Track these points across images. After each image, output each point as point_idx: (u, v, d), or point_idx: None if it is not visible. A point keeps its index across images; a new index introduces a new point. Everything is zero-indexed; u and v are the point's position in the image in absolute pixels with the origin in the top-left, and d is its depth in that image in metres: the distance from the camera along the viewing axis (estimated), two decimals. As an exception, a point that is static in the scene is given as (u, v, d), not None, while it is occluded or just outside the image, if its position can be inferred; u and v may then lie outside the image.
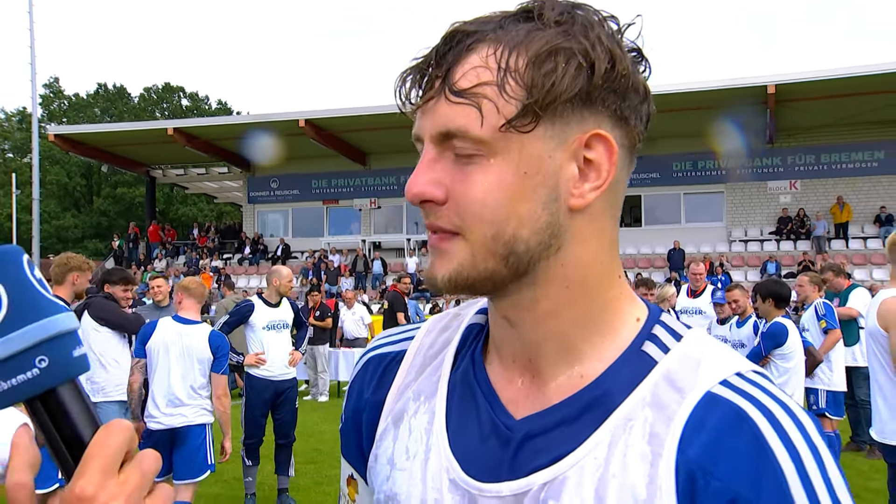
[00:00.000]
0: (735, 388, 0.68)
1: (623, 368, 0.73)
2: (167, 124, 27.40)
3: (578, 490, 0.69)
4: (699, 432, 0.66)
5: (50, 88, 52.80)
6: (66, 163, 47.73)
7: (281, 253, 26.66)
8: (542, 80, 0.67)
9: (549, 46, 0.68)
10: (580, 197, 0.71)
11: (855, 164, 23.55)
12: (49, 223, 44.76)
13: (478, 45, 0.70)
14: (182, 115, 51.08)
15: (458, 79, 0.69)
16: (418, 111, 0.73)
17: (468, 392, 0.79)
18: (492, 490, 0.72)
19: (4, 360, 0.54)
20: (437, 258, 0.73)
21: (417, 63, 0.72)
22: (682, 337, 0.74)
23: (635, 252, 24.54)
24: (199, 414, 4.84)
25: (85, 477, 0.55)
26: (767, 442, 0.65)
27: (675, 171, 24.89)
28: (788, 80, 20.66)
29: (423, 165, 0.72)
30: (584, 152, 0.71)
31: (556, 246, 0.72)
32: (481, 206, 0.69)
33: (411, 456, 0.80)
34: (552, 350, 0.75)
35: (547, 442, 0.72)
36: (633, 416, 0.69)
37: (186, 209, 47.14)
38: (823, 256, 20.82)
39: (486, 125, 0.68)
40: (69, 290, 4.95)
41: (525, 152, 0.69)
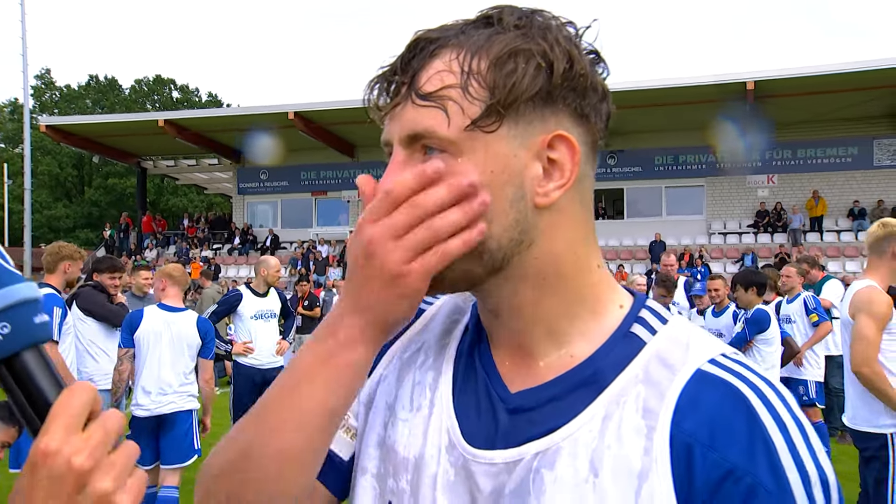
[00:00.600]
0: (724, 367, 0.72)
1: (613, 349, 0.76)
2: (158, 116, 27.71)
3: (572, 460, 0.71)
4: (694, 407, 0.69)
5: (42, 80, 52.90)
6: (58, 153, 47.89)
7: (270, 243, 27.04)
8: (503, 81, 0.70)
9: (509, 48, 0.71)
10: (545, 195, 0.73)
11: (830, 159, 24.14)
12: (41, 213, 44.94)
13: (441, 50, 0.73)
14: (173, 106, 51.27)
15: (423, 83, 0.72)
16: (387, 117, 0.76)
17: (471, 363, 0.83)
18: (485, 457, 0.75)
19: None
20: None
21: (384, 71, 0.75)
22: (668, 321, 0.78)
23: (617, 244, 25.06)
24: (187, 400, 4.89)
25: (49, 434, 0.57)
26: (759, 416, 0.68)
27: (656, 166, 25.42)
28: (767, 76, 21.16)
29: (392, 168, 0.74)
30: (548, 153, 0.73)
31: (528, 242, 0.74)
32: None
33: (414, 409, 0.83)
34: (540, 334, 0.78)
35: (540, 415, 0.74)
36: (625, 393, 0.72)
37: (177, 200, 47.41)
38: (799, 249, 21.38)
39: (452, 126, 0.71)
40: (60, 278, 4.99)
41: (491, 151, 0.71)
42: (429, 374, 0.84)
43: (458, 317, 0.88)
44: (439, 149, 0.71)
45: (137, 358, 4.82)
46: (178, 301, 5.01)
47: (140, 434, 4.72)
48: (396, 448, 0.82)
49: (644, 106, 22.71)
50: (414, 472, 0.80)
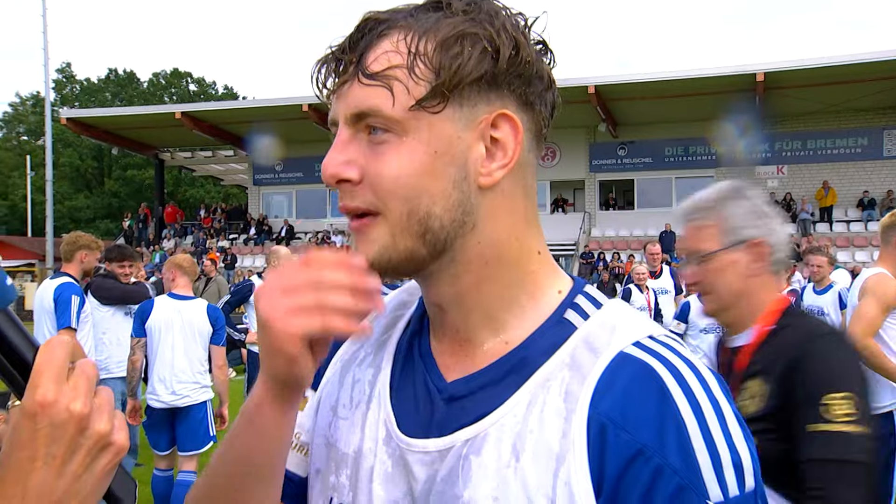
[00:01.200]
0: (645, 348, 0.72)
1: (545, 334, 0.76)
2: (175, 108, 28.27)
3: (497, 445, 0.72)
4: (610, 388, 0.70)
5: (62, 73, 53.80)
6: (79, 145, 48.71)
7: (285, 234, 27.48)
8: (449, 63, 0.71)
9: (455, 31, 0.71)
10: (488, 175, 0.74)
11: (840, 150, 24.20)
12: (62, 204, 45.77)
13: (389, 31, 0.73)
14: (189, 99, 51.95)
15: (370, 63, 0.72)
16: (333, 96, 0.76)
17: (410, 355, 0.84)
18: (419, 446, 0.76)
19: None
20: (360, 242, 0.76)
21: (332, 51, 0.75)
22: (602, 305, 0.78)
23: (628, 234, 25.26)
24: (201, 392, 4.94)
25: (41, 387, 0.60)
26: (672, 396, 0.68)
27: (666, 156, 25.58)
28: (777, 68, 21.25)
29: (336, 146, 0.74)
30: (491, 132, 0.74)
31: (471, 224, 0.75)
32: (394, 183, 0.72)
33: (353, 405, 0.84)
34: (477, 321, 0.79)
35: (473, 403, 0.76)
36: (551, 377, 0.73)
37: (194, 191, 48.08)
38: (809, 239, 21.49)
39: (397, 105, 0.71)
40: (78, 267, 5.01)
41: (435, 132, 0.72)
42: (368, 371, 0.86)
43: (402, 311, 0.89)
44: (384, 128, 0.72)
45: (150, 347, 4.86)
46: (187, 290, 5.06)
47: (156, 422, 4.89)
48: (338, 445, 0.84)
49: (654, 97, 22.87)
50: (353, 466, 0.81)
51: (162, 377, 4.82)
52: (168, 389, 4.82)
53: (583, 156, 26.23)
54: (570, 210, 27.26)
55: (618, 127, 25.41)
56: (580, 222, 25.51)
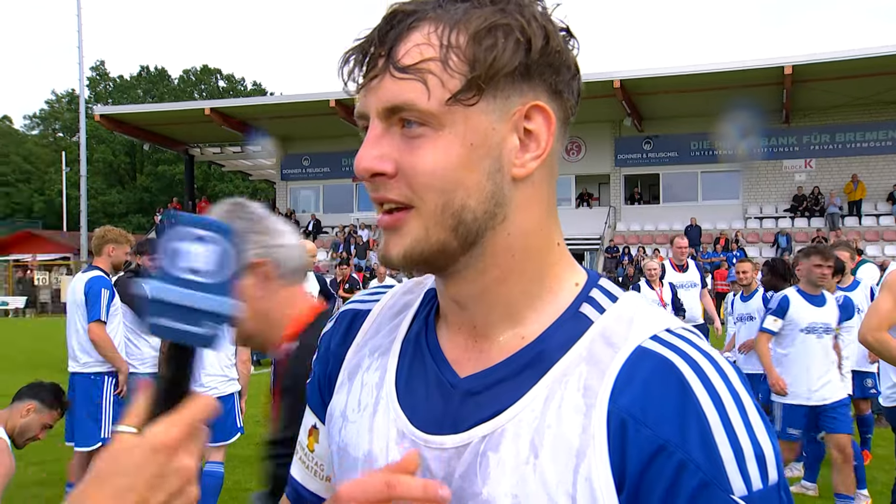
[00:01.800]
0: (664, 342, 0.72)
1: (561, 328, 0.76)
2: (204, 104, 28.70)
3: (515, 441, 0.71)
4: (630, 383, 0.69)
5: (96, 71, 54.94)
6: (112, 141, 49.66)
7: (312, 228, 27.81)
8: (483, 55, 0.70)
9: (488, 23, 0.71)
10: (522, 166, 0.74)
11: (869, 143, 23.88)
12: (96, 199, 46.72)
13: (419, 23, 0.72)
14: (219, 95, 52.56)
15: (401, 56, 0.71)
16: (362, 90, 0.75)
17: (419, 352, 0.83)
18: (436, 442, 0.76)
19: (195, 311, 0.65)
20: (390, 237, 0.75)
21: (360, 43, 0.74)
22: (617, 299, 0.78)
23: (653, 228, 25.20)
24: (228, 385, 4.98)
25: (177, 432, 0.65)
26: (693, 390, 0.68)
27: (692, 150, 25.43)
28: (805, 60, 21.03)
29: (370, 141, 0.73)
30: (525, 123, 0.74)
31: (502, 215, 0.74)
32: (431, 176, 0.71)
33: (361, 408, 0.84)
34: (497, 316, 0.78)
35: (488, 398, 0.75)
36: (569, 372, 0.72)
37: (223, 186, 48.79)
38: (837, 233, 21.27)
39: (432, 98, 0.70)
40: (107, 261, 5.04)
41: (470, 124, 0.71)
42: (375, 375, 0.85)
43: (406, 310, 0.89)
44: (419, 122, 0.71)
45: None
46: None
47: None
48: (348, 450, 0.84)
49: (680, 91, 22.76)
50: (363, 469, 0.81)
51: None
52: (196, 382, 4.93)
53: (608, 150, 26.19)
54: (595, 204, 27.24)
55: (643, 121, 25.32)
56: (605, 217, 25.49)
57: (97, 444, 4.73)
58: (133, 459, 0.63)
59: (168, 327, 0.66)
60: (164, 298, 0.66)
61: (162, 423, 0.65)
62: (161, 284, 0.67)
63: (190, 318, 0.66)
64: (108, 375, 4.82)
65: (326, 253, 25.90)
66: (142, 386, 0.70)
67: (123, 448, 0.64)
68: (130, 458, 0.63)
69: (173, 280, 0.67)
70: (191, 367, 0.69)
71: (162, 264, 0.68)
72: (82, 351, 4.82)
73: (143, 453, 0.63)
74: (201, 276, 0.67)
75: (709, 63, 22.48)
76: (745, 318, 6.60)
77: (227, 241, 0.68)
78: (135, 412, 0.67)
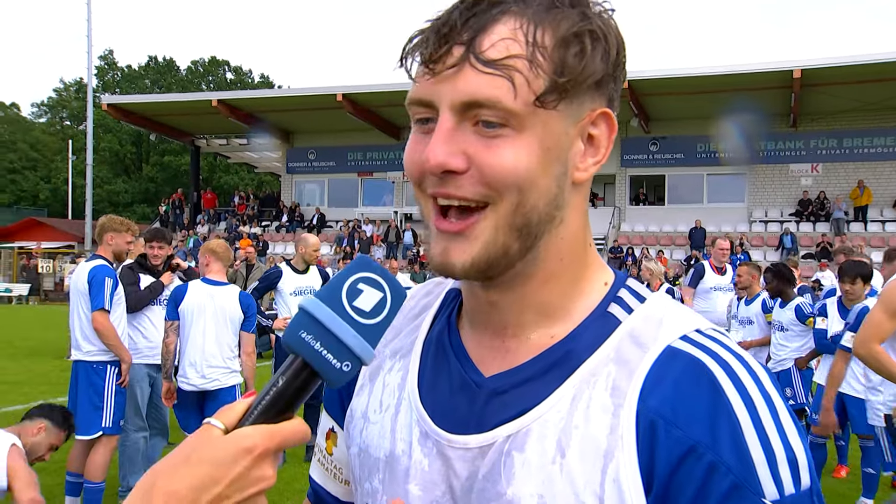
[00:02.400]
0: (694, 343, 0.71)
1: (589, 328, 0.75)
2: (212, 96, 28.63)
3: (541, 441, 0.70)
4: (660, 383, 0.68)
5: (105, 60, 55.04)
6: (118, 131, 49.77)
7: (317, 222, 27.87)
8: (573, 61, 0.69)
9: (576, 27, 0.69)
10: (584, 171, 0.74)
11: (877, 148, 23.79)
12: (101, 188, 46.91)
13: (503, 16, 0.69)
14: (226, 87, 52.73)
15: (486, 48, 0.68)
16: (429, 75, 0.70)
17: (441, 351, 0.82)
18: (459, 441, 0.74)
19: (340, 342, 0.66)
20: (456, 243, 0.72)
21: (436, 25, 0.70)
22: (645, 299, 0.77)
23: (658, 230, 25.18)
24: (230, 377, 5.02)
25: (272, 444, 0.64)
26: (724, 391, 0.66)
27: (698, 153, 25.38)
28: (815, 65, 20.93)
29: (441, 135, 0.69)
30: (590, 129, 0.74)
31: (559, 218, 0.74)
32: (512, 174, 0.69)
33: (383, 409, 0.83)
34: (531, 318, 0.77)
35: (514, 398, 0.73)
36: (597, 372, 0.71)
37: (228, 177, 48.85)
38: (842, 238, 21.21)
39: (518, 98, 0.68)
40: (108, 249, 5.02)
41: (548, 128, 0.70)
42: (397, 376, 0.84)
43: (426, 311, 0.88)
44: (499, 122, 0.68)
45: (182, 330, 4.91)
46: (221, 276, 5.10)
47: (186, 404, 5.01)
48: (370, 451, 0.83)
49: (687, 93, 22.70)
50: (385, 469, 0.80)
51: (193, 361, 4.91)
52: (198, 373, 4.92)
53: (614, 150, 24.97)
54: (601, 204, 27.21)
55: (650, 122, 25.27)
56: (610, 217, 25.47)
57: (97, 432, 4.75)
58: (226, 453, 0.63)
59: (308, 344, 0.66)
60: (315, 314, 0.66)
61: (262, 428, 0.65)
62: (320, 303, 0.67)
63: (333, 347, 0.66)
64: (111, 364, 4.83)
65: (330, 247, 25.93)
66: (247, 394, 0.69)
67: (215, 442, 0.63)
68: (225, 451, 0.63)
69: (334, 304, 0.67)
70: (307, 392, 0.68)
71: (332, 288, 0.68)
72: (85, 339, 4.82)
73: (238, 451, 0.63)
74: (359, 314, 0.67)
75: (717, 66, 22.43)
76: (745, 321, 6.64)
77: (395, 300, 0.69)
78: (229, 412, 0.66)
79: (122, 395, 4.87)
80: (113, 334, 4.79)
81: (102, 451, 4.79)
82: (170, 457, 0.64)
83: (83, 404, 4.76)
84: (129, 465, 5.21)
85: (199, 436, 0.64)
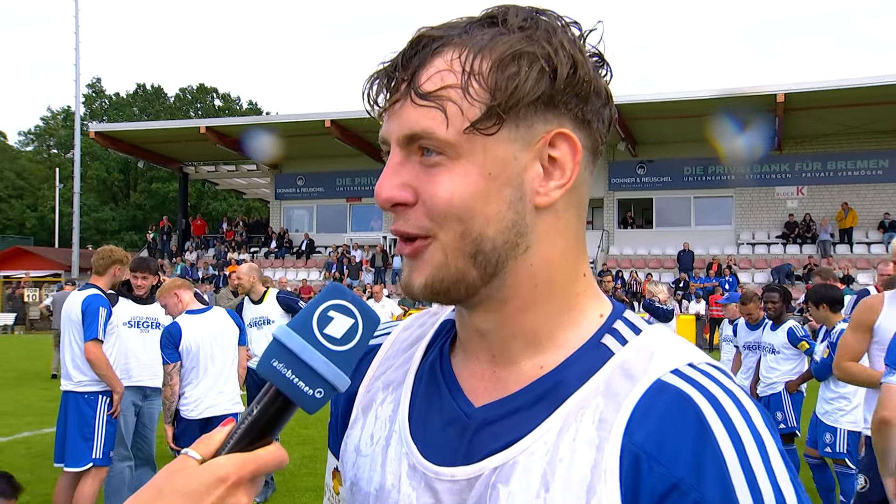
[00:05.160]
0: (684, 376, 0.69)
1: (581, 359, 0.73)
2: (200, 123, 28.66)
3: (527, 474, 0.69)
4: (646, 417, 0.66)
5: (92, 88, 55.03)
6: (106, 159, 49.64)
7: (305, 248, 27.81)
8: (505, 83, 0.68)
9: (512, 50, 0.69)
10: (545, 195, 0.72)
11: (860, 171, 24.10)
12: (89, 216, 46.67)
13: (443, 49, 0.71)
14: (215, 114, 52.78)
15: (423, 82, 0.70)
16: (385, 114, 0.73)
17: (433, 382, 0.81)
18: (447, 474, 0.73)
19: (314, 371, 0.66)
20: (412, 266, 0.74)
21: (385, 67, 0.73)
22: (641, 331, 0.75)
23: (646, 253, 25.29)
24: (233, 403, 5.05)
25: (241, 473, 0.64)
26: (711, 428, 0.64)
27: (685, 175, 25.61)
28: (798, 89, 21.25)
29: (390, 169, 0.72)
30: (549, 151, 0.72)
31: (524, 245, 0.72)
32: (448, 206, 0.70)
33: (374, 442, 0.82)
34: (519, 346, 0.76)
35: (503, 428, 0.72)
36: (585, 404, 0.70)
37: (217, 204, 48.73)
38: (828, 260, 21.40)
39: (451, 127, 0.69)
40: (109, 280, 5.04)
41: (490, 154, 0.69)
42: (388, 408, 0.83)
43: (419, 342, 0.87)
44: (437, 150, 0.70)
45: (190, 364, 4.89)
46: (196, 303, 5.09)
47: (187, 429, 4.96)
48: (360, 484, 0.81)
49: (674, 117, 22.95)
50: (376, 503, 0.79)
51: (198, 392, 4.90)
52: (205, 403, 4.94)
53: (602, 174, 26.32)
54: (589, 228, 27.20)
55: (637, 146, 25.49)
56: (598, 240, 25.56)
57: (87, 464, 4.68)
58: (198, 484, 0.63)
59: (280, 372, 0.67)
60: (285, 343, 0.67)
61: (235, 456, 0.65)
62: (290, 332, 0.67)
63: (304, 374, 0.67)
64: (102, 395, 4.77)
65: (319, 273, 25.84)
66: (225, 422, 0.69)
67: (190, 471, 0.64)
68: (196, 481, 0.63)
69: (304, 332, 0.67)
70: (283, 419, 0.68)
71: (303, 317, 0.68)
72: (76, 369, 4.76)
73: (211, 481, 0.63)
74: (330, 341, 0.68)
75: (703, 89, 22.69)
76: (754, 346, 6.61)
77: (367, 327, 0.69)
78: (207, 442, 0.67)
79: (112, 426, 4.81)
80: (105, 364, 4.74)
81: (91, 482, 4.71)
82: (144, 489, 0.64)
83: (73, 435, 4.69)
84: (115, 497, 5.12)
85: (174, 466, 0.65)
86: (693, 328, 18.61)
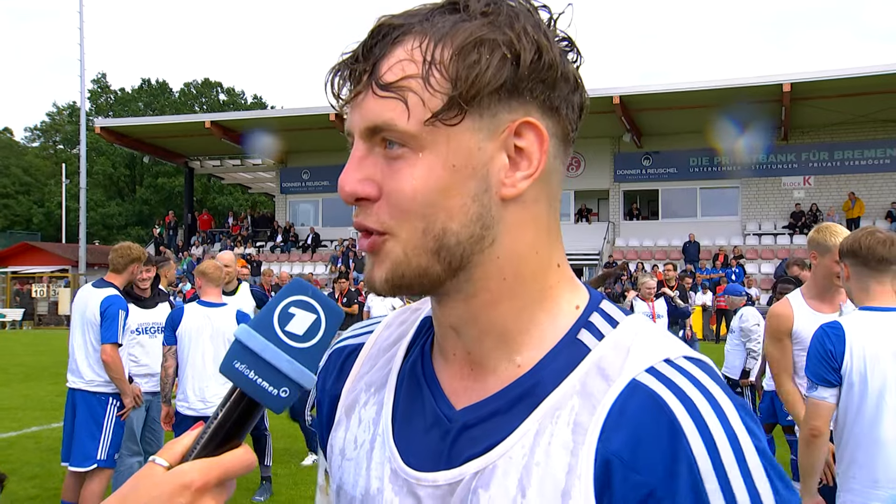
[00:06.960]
0: (658, 375, 0.67)
1: (557, 357, 0.71)
2: (205, 117, 28.65)
3: (505, 478, 0.68)
4: (621, 421, 0.65)
5: (98, 83, 55.11)
6: (112, 154, 49.77)
7: (311, 241, 27.86)
8: (465, 72, 0.66)
9: (473, 38, 0.67)
10: (512, 186, 0.70)
11: (868, 160, 23.96)
12: (95, 211, 46.77)
13: (404, 37, 0.68)
14: (220, 108, 52.83)
15: (384, 72, 0.68)
16: (348, 106, 0.72)
17: (415, 384, 0.79)
18: (428, 479, 0.72)
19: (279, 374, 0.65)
20: (372, 261, 0.72)
21: (346, 58, 0.71)
22: (618, 324, 0.73)
23: (652, 244, 25.23)
24: None
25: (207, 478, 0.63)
26: (684, 432, 0.63)
27: (691, 167, 25.52)
28: (804, 78, 21.13)
29: (353, 162, 0.70)
30: (515, 140, 0.69)
31: (490, 238, 0.70)
32: (411, 201, 0.68)
33: (358, 446, 0.81)
34: (492, 343, 0.74)
35: (482, 431, 0.71)
36: (561, 406, 0.68)
37: (222, 199, 48.86)
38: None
39: (412, 119, 0.67)
40: (126, 278, 4.97)
41: (453, 145, 0.68)
42: (372, 410, 0.82)
43: (401, 341, 0.85)
44: (399, 142, 0.68)
45: (181, 354, 4.88)
46: (216, 297, 5.08)
47: (184, 427, 4.86)
48: (346, 488, 0.81)
49: (679, 108, 22.86)
50: None
51: (192, 385, 4.88)
52: (198, 397, 4.91)
53: (607, 165, 26.27)
54: (594, 220, 27.27)
55: (642, 137, 25.42)
56: (604, 232, 25.52)
57: (92, 465, 4.67)
58: (162, 491, 0.62)
59: (242, 373, 0.66)
60: (246, 343, 0.66)
61: (200, 462, 0.64)
62: (251, 331, 0.66)
63: (267, 374, 0.65)
64: (113, 397, 4.76)
65: (325, 267, 25.88)
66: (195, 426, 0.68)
67: (154, 479, 0.63)
68: (159, 489, 0.63)
69: (265, 331, 0.66)
70: (250, 421, 0.67)
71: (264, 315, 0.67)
72: (89, 368, 4.72)
73: (174, 488, 0.63)
74: (293, 338, 0.67)
75: (708, 80, 22.62)
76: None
77: (329, 321, 0.68)
78: (173, 448, 0.66)
79: (120, 428, 4.81)
80: (120, 369, 4.69)
81: (98, 480, 4.72)
82: (110, 498, 0.64)
83: (80, 433, 4.69)
84: (124, 491, 5.13)
85: (140, 474, 0.64)
86: (700, 319, 18.58)
